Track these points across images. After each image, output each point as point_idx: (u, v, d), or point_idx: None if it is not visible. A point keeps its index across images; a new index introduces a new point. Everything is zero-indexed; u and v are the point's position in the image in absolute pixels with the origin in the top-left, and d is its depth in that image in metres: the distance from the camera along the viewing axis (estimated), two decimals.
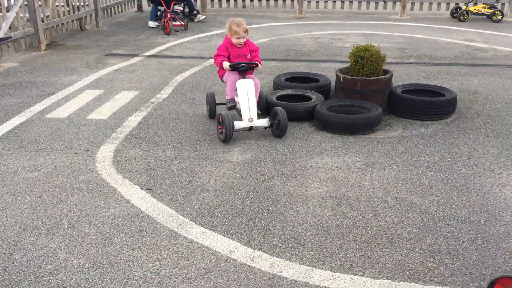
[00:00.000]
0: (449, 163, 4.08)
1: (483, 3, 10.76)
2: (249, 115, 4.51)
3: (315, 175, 3.88)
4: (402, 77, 6.59)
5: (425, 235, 3.06)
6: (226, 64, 4.61)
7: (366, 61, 5.14)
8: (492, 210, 3.34)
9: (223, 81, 4.96)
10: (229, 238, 3.03)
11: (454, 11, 10.95)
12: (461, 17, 10.52)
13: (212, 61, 7.56)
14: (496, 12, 10.48)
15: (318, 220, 3.24)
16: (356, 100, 5.14)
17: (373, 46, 5.25)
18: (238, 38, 4.64)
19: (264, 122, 4.59)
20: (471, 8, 10.62)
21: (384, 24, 10.55)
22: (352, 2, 12.00)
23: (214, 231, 3.10)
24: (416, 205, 3.42)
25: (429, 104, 5.01)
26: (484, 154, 4.25)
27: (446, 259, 2.82)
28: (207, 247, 2.94)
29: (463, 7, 10.63)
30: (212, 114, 5.05)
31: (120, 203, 3.44)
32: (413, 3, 11.63)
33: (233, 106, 4.73)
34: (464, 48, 8.28)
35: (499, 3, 10.84)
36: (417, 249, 2.91)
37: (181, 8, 10.81)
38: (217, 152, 4.32)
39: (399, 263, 2.79)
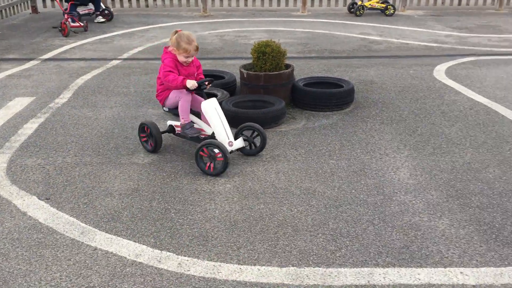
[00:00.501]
0: (349, 151, 4.28)
1: None
2: (228, 138, 3.94)
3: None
4: (304, 70, 6.82)
5: (327, 220, 3.19)
6: (192, 83, 3.87)
7: (267, 57, 5.24)
8: (388, 192, 3.56)
9: (163, 106, 4.25)
10: (135, 241, 2.96)
11: (350, 6, 11.51)
12: (357, 12, 11.09)
13: (116, 62, 7.34)
14: (388, 6, 11.16)
15: (226, 215, 3.26)
16: (260, 95, 5.23)
17: (274, 42, 5.37)
18: (187, 57, 3.99)
19: (241, 143, 4.04)
20: (366, 3, 11.23)
21: (287, 20, 10.83)
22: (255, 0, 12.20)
23: (119, 236, 3.01)
24: (319, 193, 3.55)
25: (329, 96, 5.23)
26: (380, 140, 4.51)
27: (347, 241, 2.96)
28: (111, 253, 2.84)
29: (359, 3, 11.21)
30: (158, 147, 4.20)
31: (16, 216, 3.23)
32: (313, 0, 12.05)
33: (198, 134, 4.09)
34: (361, 41, 8.73)
35: None
36: (320, 235, 3.03)
37: (91, 8, 10.42)
38: (121, 155, 4.19)
39: (304, 249, 2.88)
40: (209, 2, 11.95)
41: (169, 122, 4.34)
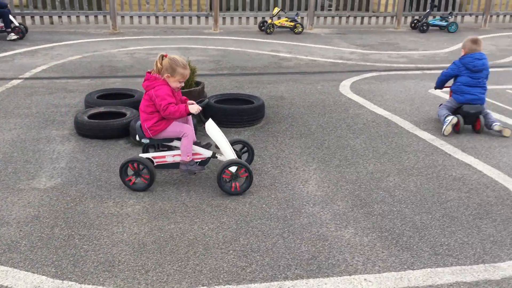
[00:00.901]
0: (260, 166, 4.34)
1: (286, 17, 11.80)
2: (233, 155, 3.86)
3: (131, 192, 3.78)
4: (216, 87, 6.85)
5: (238, 236, 3.19)
6: (196, 108, 3.74)
7: None
8: (297, 205, 3.64)
9: (150, 137, 3.83)
10: (34, 272, 2.76)
11: (261, 24, 11.80)
12: (268, 30, 11.39)
13: (17, 82, 6.92)
14: (297, 25, 11.58)
15: (134, 238, 3.15)
16: None
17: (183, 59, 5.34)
18: (181, 82, 3.79)
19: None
20: (276, 22, 11.57)
21: (199, 38, 10.87)
22: (166, 17, 12.11)
23: (16, 267, 2.80)
24: (230, 209, 3.55)
25: (240, 112, 5.28)
26: (290, 154, 4.62)
27: (257, 256, 2.98)
28: (6, 287, 2.63)
29: (269, 21, 11.52)
30: (151, 183, 3.80)
31: None
32: (224, 18, 12.21)
33: (204, 169, 3.91)
34: (271, 58, 8.96)
35: (299, 17, 12.00)
36: (231, 251, 3.02)
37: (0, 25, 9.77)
38: (20, 180, 3.93)
39: (215, 267, 2.86)
40: (118, 19, 11.69)
41: (146, 155, 3.87)
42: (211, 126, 3.90)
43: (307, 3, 12.36)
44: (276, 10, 11.57)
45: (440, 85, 5.57)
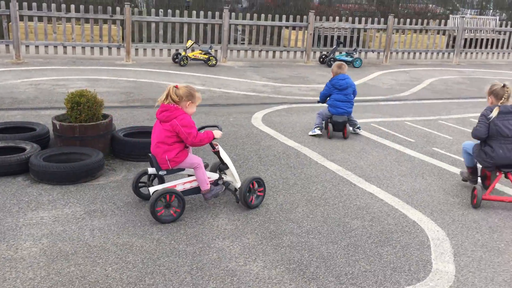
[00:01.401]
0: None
1: (200, 50, 11.90)
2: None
3: (28, 233, 3.52)
4: (127, 120, 6.68)
5: (144, 276, 3.07)
6: (220, 132, 4.17)
7: (83, 107, 5.01)
8: (206, 239, 3.58)
9: (170, 170, 3.92)
10: None
11: (175, 56, 11.78)
12: (182, 62, 11.39)
13: None
14: (211, 57, 11.70)
15: (29, 284, 2.92)
16: (76, 147, 4.94)
17: (89, 91, 5.17)
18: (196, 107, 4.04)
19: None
20: (190, 54, 11.62)
21: (110, 69, 10.60)
22: (75, 47, 11.73)
23: None
24: (137, 247, 3.42)
25: (149, 145, 5.16)
26: None
27: None
28: None
29: (183, 53, 11.54)
30: (179, 216, 3.84)
31: None
32: (137, 49, 12.05)
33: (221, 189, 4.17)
34: None
35: (213, 50, 12.15)
36: None
37: None
38: None
39: None
40: (22, 48, 11.12)
41: (159, 187, 3.89)
42: (222, 150, 4.24)
43: (220, 37, 12.58)
44: (189, 42, 11.64)
45: (322, 101, 6.67)
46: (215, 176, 4.19)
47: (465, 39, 15.24)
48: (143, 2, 15.64)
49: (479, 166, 4.77)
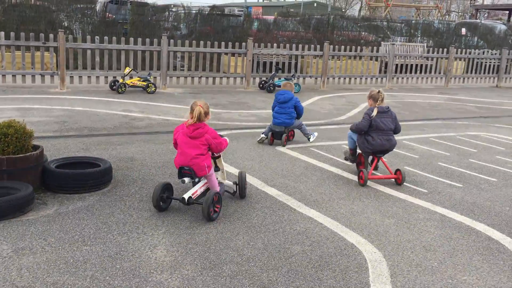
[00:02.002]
0: (105, 233, 4.08)
1: (138, 77, 11.74)
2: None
3: None
4: (61, 150, 6.43)
5: None
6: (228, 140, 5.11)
7: (10, 139, 4.76)
8: (144, 273, 3.46)
9: (199, 177, 4.68)
10: None
11: (112, 84, 11.54)
12: (119, 90, 11.18)
13: None
14: (149, 84, 11.56)
15: None
16: (3, 181, 4.67)
17: (18, 122, 4.94)
18: None
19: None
20: (128, 81, 11.43)
21: (43, 97, 10.21)
22: (5, 75, 11.23)
23: None
24: (68, 286, 3.24)
25: (84, 177, 4.98)
26: (139, 219, 4.44)
27: None
28: None
29: (120, 80, 11.33)
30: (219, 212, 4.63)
31: None
32: (72, 77, 11.71)
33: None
34: (122, 118, 8.74)
35: (152, 77, 12.03)
36: None
37: None
38: None
39: None
40: None
41: (191, 192, 4.59)
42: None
43: (159, 63, 12.49)
44: (127, 69, 11.45)
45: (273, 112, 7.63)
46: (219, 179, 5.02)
47: (396, 65, 16.01)
48: (79, 28, 15.30)
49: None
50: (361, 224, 4.55)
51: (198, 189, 4.65)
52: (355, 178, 5.94)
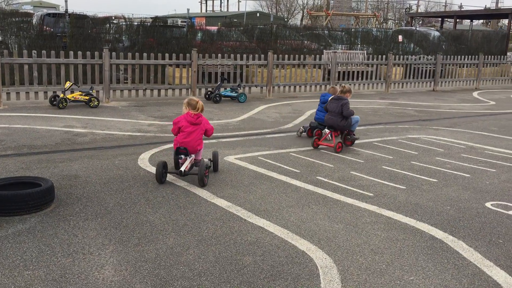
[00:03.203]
0: (48, 256, 3.91)
1: (80, 91, 11.40)
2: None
3: None
4: None
5: None
6: None
7: None
8: None
9: (198, 152, 6.33)
10: None
11: (52, 99, 11.14)
12: (60, 105, 10.80)
13: None
14: (92, 98, 11.25)
15: None
16: None
17: None
18: None
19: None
20: (69, 96, 11.07)
21: None
22: None
23: None
24: None
25: (23, 198, 4.75)
26: (84, 238, 4.28)
27: None
28: None
29: (61, 95, 10.96)
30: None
31: None
32: (8, 93, 11.21)
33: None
34: (64, 135, 8.44)
35: (94, 91, 11.72)
36: None
37: None
38: None
39: None
40: None
41: (183, 167, 5.99)
42: None
43: (101, 77, 12.19)
44: (68, 84, 11.10)
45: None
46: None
47: (339, 72, 16.44)
48: (15, 43, 14.68)
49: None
50: (311, 231, 4.61)
51: (188, 164, 5.98)
52: (304, 185, 6.02)
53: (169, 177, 6.20)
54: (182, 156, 6.08)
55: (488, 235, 4.63)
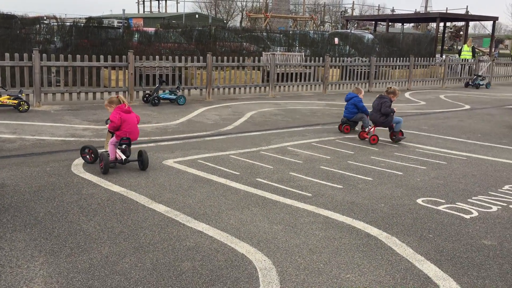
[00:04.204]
0: None
1: (8, 95, 10.82)
2: None
3: None
4: None
5: None
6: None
7: None
8: None
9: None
10: None
11: None
12: None
13: None
14: (21, 102, 10.71)
15: None
16: None
17: None
18: None
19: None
20: None
21: None
22: None
23: None
24: None
25: None
26: (12, 251, 4.05)
27: None
28: None
29: None
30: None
31: None
32: None
33: None
34: None
35: (23, 94, 11.15)
36: None
37: None
38: None
39: None
40: None
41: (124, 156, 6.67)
42: None
43: (31, 79, 11.63)
44: None
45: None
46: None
47: (278, 74, 16.63)
48: None
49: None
50: (251, 233, 4.60)
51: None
52: (243, 187, 6.02)
53: (105, 183, 6.00)
54: (123, 146, 6.58)
55: (419, 230, 4.83)
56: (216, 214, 5.10)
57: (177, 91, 13.34)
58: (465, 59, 22.06)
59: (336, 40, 22.26)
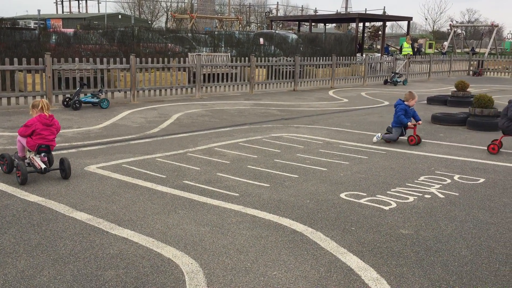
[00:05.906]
0: None
1: None
2: None
3: None
4: None
5: None
6: None
7: None
8: None
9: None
10: None
11: None
12: None
13: None
14: None
15: None
16: None
17: None
18: None
19: None
20: None
21: None
22: None
23: None
24: None
25: None
26: None
27: None
28: None
29: None
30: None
31: None
32: None
33: None
34: None
35: None
36: None
37: None
38: None
39: None
40: None
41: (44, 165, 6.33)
42: None
43: None
44: None
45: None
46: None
47: (204, 75, 16.56)
48: None
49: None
50: (177, 237, 4.54)
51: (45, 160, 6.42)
52: (170, 190, 5.92)
53: (21, 193, 5.67)
54: (43, 154, 6.40)
55: (342, 224, 4.99)
56: (142, 219, 4.97)
57: (100, 94, 12.89)
58: (408, 54, 24.53)
59: (262, 40, 22.53)
